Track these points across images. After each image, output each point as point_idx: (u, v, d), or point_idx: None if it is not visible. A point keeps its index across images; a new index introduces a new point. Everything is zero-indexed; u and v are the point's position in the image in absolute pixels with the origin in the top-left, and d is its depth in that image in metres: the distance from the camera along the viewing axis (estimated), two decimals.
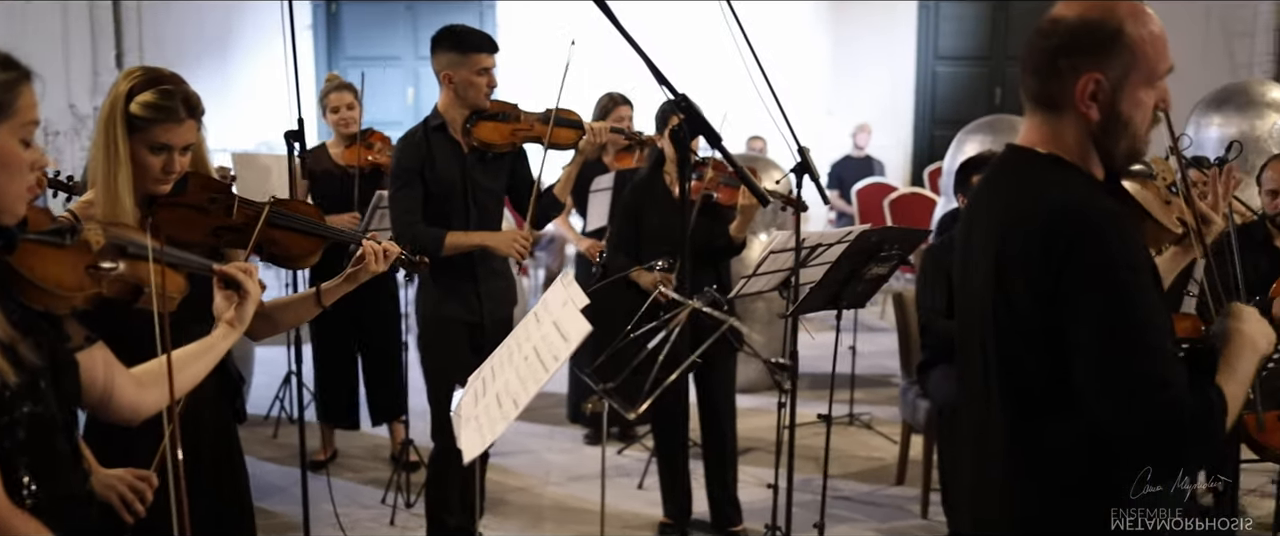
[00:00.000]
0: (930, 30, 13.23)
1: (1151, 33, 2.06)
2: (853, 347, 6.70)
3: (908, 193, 10.00)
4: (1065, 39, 2.06)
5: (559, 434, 6.59)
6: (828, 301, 4.39)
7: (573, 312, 2.27)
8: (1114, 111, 2.06)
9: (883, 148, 12.13)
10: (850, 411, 6.75)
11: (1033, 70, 2.12)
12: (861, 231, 4.16)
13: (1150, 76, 2.07)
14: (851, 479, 5.85)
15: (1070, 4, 2.08)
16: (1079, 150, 2.11)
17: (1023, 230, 2.02)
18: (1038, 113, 2.14)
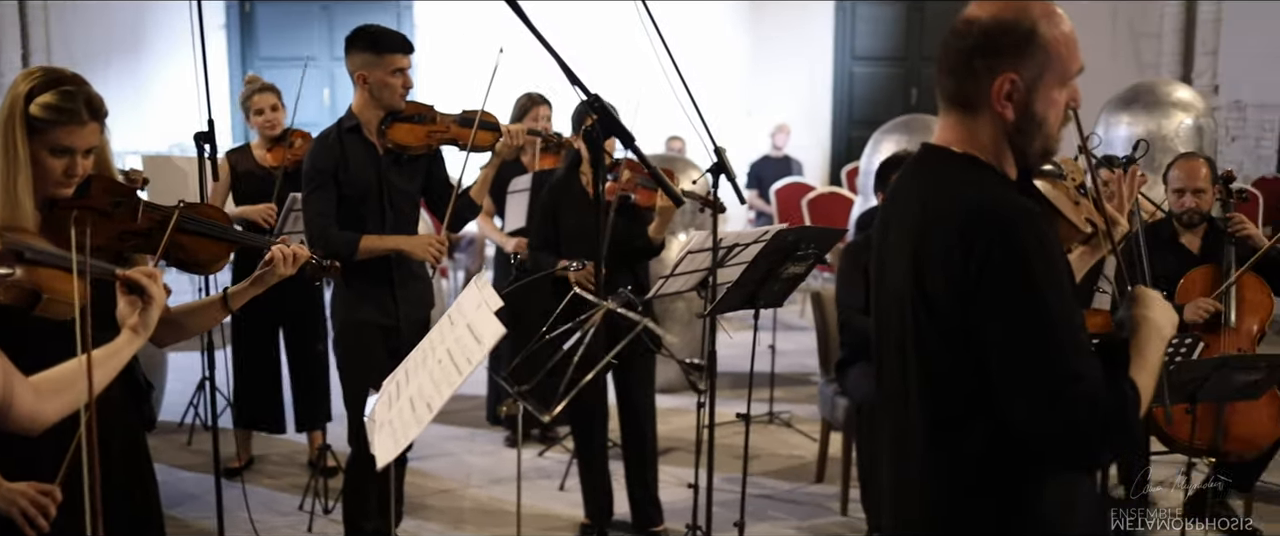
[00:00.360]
0: (847, 31, 13.36)
1: (1064, 33, 2.08)
2: (772, 346, 6.74)
3: (826, 192, 10.07)
4: (980, 40, 2.07)
5: (480, 436, 6.56)
6: (745, 301, 4.41)
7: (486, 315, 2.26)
8: (1029, 111, 2.09)
9: (801, 147, 12.22)
10: (770, 410, 6.79)
11: (948, 71, 2.14)
12: (777, 231, 4.19)
13: (1063, 76, 2.10)
14: (772, 477, 5.88)
15: (984, 5, 2.09)
16: (994, 149, 2.13)
17: (941, 229, 2.04)
18: (953, 113, 2.15)
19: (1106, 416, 1.96)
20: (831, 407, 5.40)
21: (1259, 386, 4.25)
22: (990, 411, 2.03)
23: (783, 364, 7.36)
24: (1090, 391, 1.94)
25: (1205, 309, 4.94)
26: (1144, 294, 2.21)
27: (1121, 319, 2.21)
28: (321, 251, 4.16)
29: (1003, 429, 2.03)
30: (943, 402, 2.10)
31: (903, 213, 2.18)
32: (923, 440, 2.14)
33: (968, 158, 2.13)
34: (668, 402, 6.83)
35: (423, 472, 5.84)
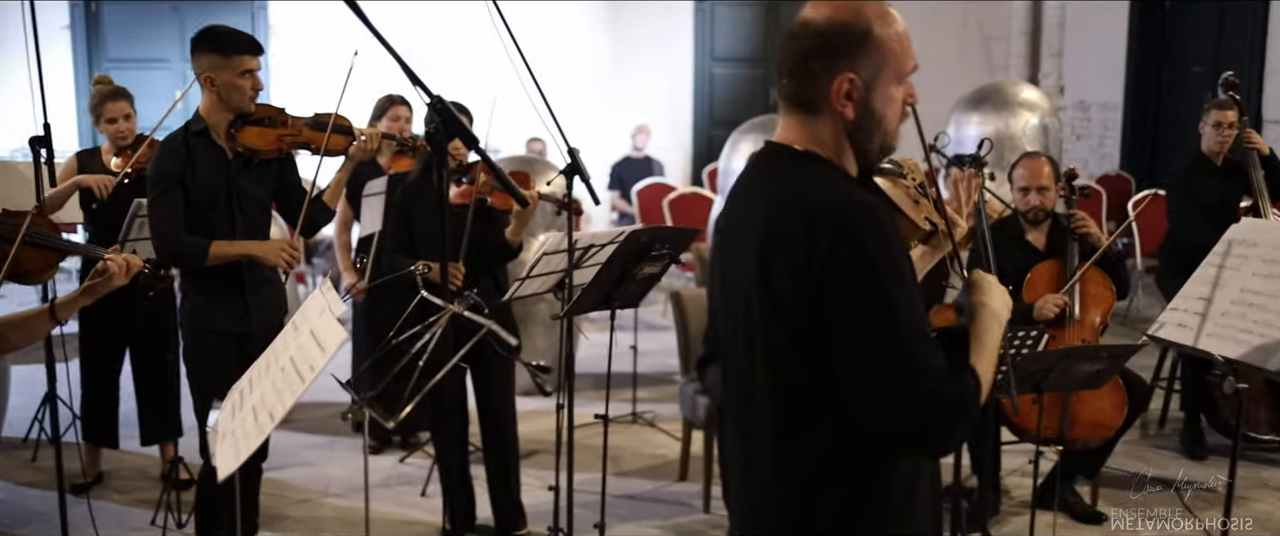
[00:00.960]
0: (706, 32, 13.46)
1: (898, 32, 2.12)
2: (634, 347, 6.75)
3: (687, 192, 10.14)
4: (817, 41, 2.09)
5: (339, 444, 6.45)
6: (601, 302, 4.41)
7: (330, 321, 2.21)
8: (868, 109, 2.11)
9: (662, 148, 12.29)
10: (633, 410, 6.80)
11: (788, 73, 2.15)
12: (631, 232, 4.20)
13: (899, 73, 2.13)
14: (635, 477, 5.90)
15: (818, 6, 2.11)
16: (835, 147, 2.15)
17: (786, 226, 2.05)
18: (794, 114, 2.17)
19: (951, 408, 1.99)
20: (692, 406, 5.43)
21: (1101, 375, 4.39)
22: (837, 408, 2.06)
23: (646, 364, 7.39)
24: (934, 385, 1.97)
25: (1055, 305, 5.09)
26: (980, 279, 2.24)
27: (960, 304, 2.26)
28: (167, 259, 4.05)
29: (850, 425, 2.05)
30: (790, 400, 2.11)
31: (747, 210, 2.18)
32: (771, 438, 2.15)
33: (810, 155, 2.15)
34: (530, 405, 6.80)
35: (280, 482, 5.72)
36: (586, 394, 6.97)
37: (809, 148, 2.15)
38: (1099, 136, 12.67)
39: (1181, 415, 6.33)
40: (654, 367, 7.83)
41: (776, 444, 2.15)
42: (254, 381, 2.49)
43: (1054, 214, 5.38)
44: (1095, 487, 5.37)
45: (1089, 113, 12.76)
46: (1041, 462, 5.02)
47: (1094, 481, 5.36)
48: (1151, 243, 8.45)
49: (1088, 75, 12.67)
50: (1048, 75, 13.12)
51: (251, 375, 2.55)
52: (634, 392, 6.88)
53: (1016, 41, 13.24)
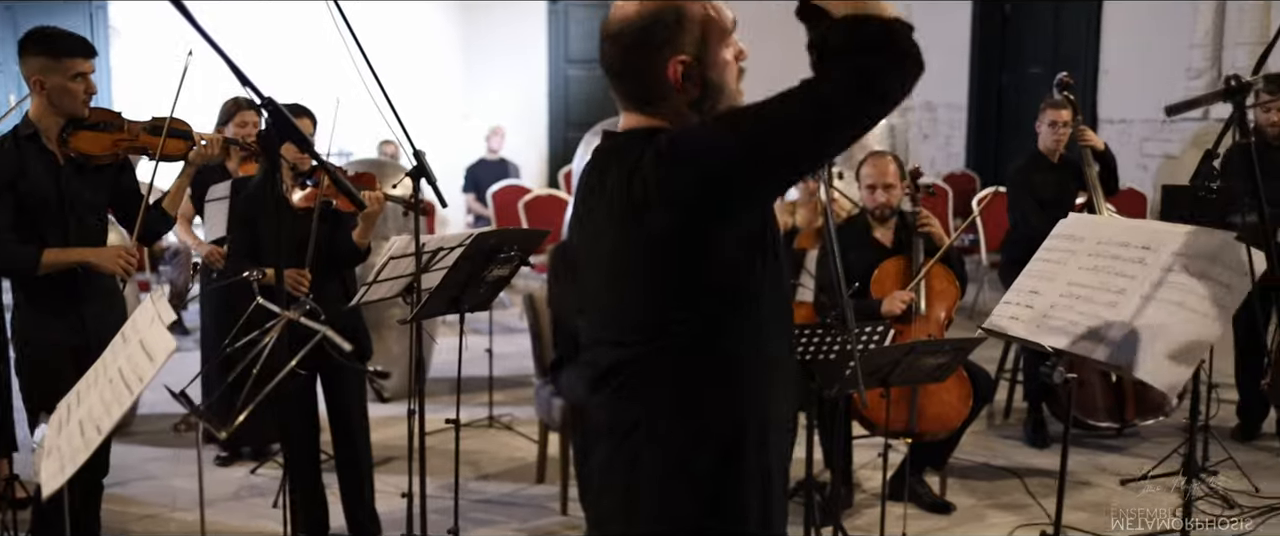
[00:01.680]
0: (560, 33, 13.44)
1: (709, 4, 2.16)
2: (489, 350, 6.71)
3: (543, 194, 10.11)
4: (638, 36, 2.13)
5: (185, 457, 6.27)
6: (449, 305, 4.37)
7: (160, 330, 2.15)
8: (707, 81, 2.15)
9: (518, 150, 12.24)
10: (490, 414, 6.76)
11: (619, 75, 2.18)
12: (479, 234, 4.17)
13: (723, 37, 2.17)
14: (493, 480, 5.85)
15: (625, 3, 2.15)
16: (681, 121, 2.17)
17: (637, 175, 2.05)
18: (634, 110, 2.20)
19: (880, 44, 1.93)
20: (548, 408, 5.41)
21: (946, 368, 4.49)
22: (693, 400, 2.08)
23: (503, 367, 7.35)
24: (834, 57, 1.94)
25: (903, 300, 5.20)
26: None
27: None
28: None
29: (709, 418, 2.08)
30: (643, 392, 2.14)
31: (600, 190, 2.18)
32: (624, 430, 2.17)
33: (649, 129, 2.17)
34: (386, 411, 6.73)
35: (124, 498, 5.54)
36: (443, 398, 6.91)
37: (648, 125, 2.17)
38: (945, 136, 13.00)
39: (1025, 405, 6.52)
40: (511, 370, 7.78)
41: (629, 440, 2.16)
42: (82, 394, 2.40)
43: (900, 211, 5.50)
44: (943, 478, 5.50)
45: (936, 113, 13.07)
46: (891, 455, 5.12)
47: (942, 472, 5.49)
48: (996, 238, 8.69)
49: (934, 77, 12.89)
50: None
51: (80, 388, 2.46)
52: (490, 396, 6.83)
53: None
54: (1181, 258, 2.75)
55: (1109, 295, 2.80)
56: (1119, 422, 6.26)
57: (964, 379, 5.18)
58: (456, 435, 4.67)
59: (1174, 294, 2.72)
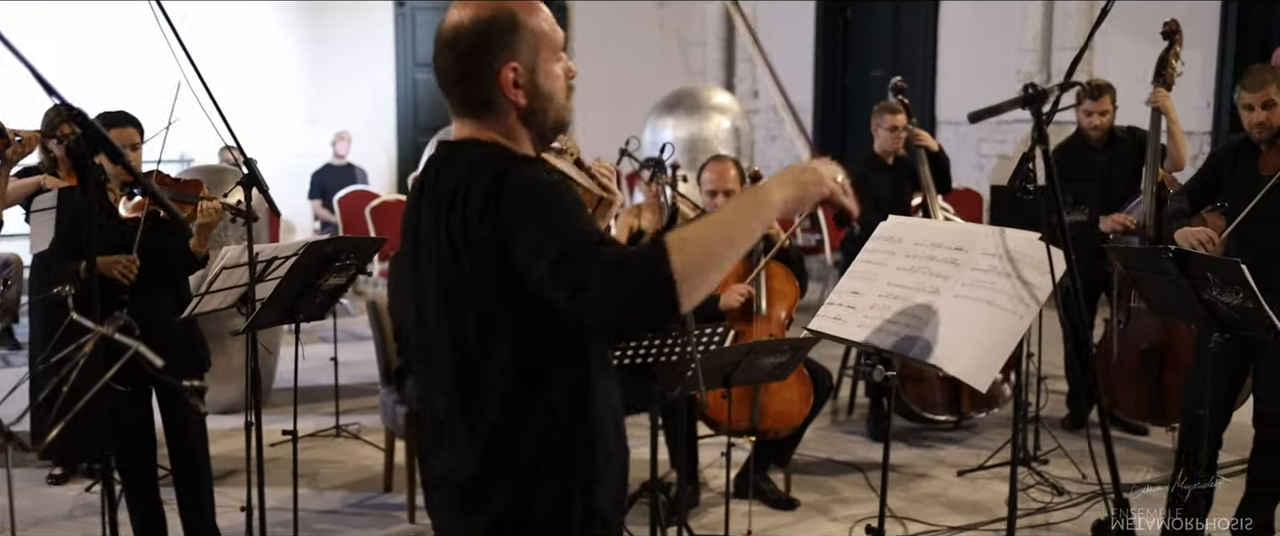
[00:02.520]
0: (408, 36, 13.30)
1: (544, 14, 2.22)
2: (334, 359, 6.61)
3: (390, 200, 10.00)
4: (473, 41, 2.15)
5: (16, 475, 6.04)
6: (284, 315, 4.31)
7: None
8: (538, 91, 2.19)
9: (366, 155, 12.08)
10: (336, 423, 6.66)
11: (453, 81, 2.20)
12: (312, 243, 4.12)
13: (555, 50, 2.22)
14: (341, 489, 5.78)
15: (461, 10, 2.17)
16: (512, 135, 2.22)
17: (467, 197, 2.08)
18: (467, 116, 2.22)
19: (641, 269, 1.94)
20: (392, 415, 5.37)
21: (785, 367, 4.57)
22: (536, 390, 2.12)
23: (350, 375, 7.25)
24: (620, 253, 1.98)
25: (740, 293, 5.28)
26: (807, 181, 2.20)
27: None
28: None
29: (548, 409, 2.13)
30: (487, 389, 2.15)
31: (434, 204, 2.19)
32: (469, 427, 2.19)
33: (488, 143, 2.20)
34: (228, 423, 6.58)
35: None
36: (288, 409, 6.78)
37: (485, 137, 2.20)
38: (791, 138, 13.23)
39: (868, 401, 6.67)
40: (357, 378, 7.67)
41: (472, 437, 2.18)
42: None
43: None
44: (788, 474, 5.60)
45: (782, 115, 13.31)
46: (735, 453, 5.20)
47: (786, 468, 5.59)
48: (839, 238, 8.89)
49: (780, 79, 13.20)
50: (743, 79, 13.61)
51: None
52: (336, 405, 6.74)
53: (712, 46, 13.68)
54: (990, 257, 2.86)
55: (924, 295, 2.90)
56: (956, 415, 6.46)
57: (805, 376, 5.29)
58: (294, 446, 4.61)
59: (983, 293, 2.83)
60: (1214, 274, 3.81)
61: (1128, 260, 4.40)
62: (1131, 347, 6.05)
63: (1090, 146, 6.40)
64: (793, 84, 12.94)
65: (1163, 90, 6.02)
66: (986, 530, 5.17)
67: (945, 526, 5.22)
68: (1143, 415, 6.25)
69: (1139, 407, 6.19)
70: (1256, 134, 4.58)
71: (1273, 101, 4.54)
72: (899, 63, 11.50)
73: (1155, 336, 5.92)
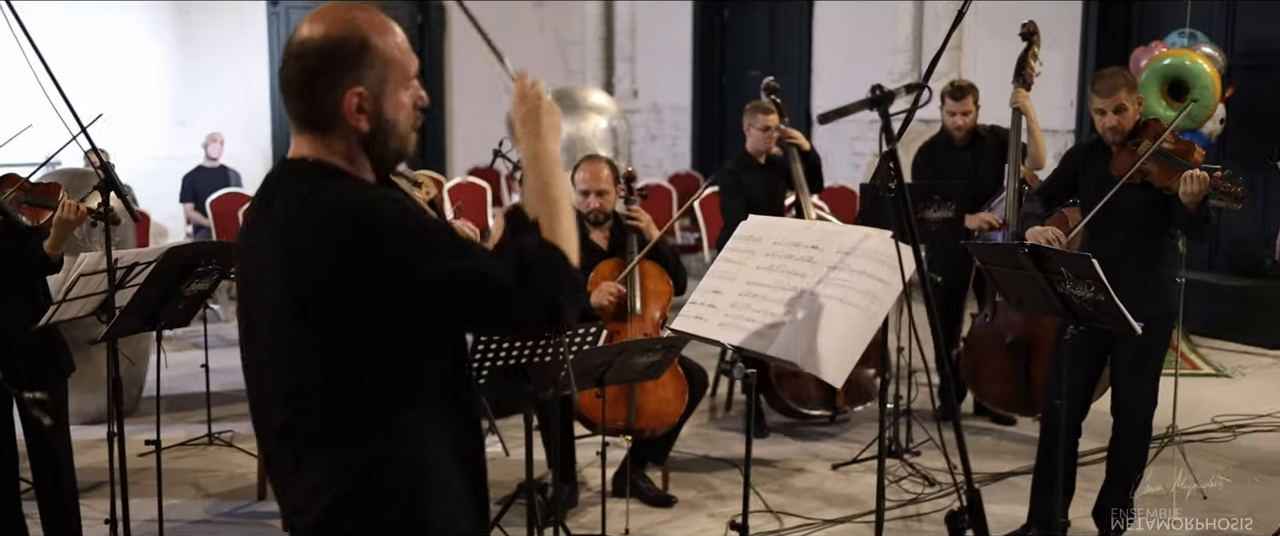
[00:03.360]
0: (281, 36, 13.09)
1: (396, 40, 2.17)
2: (205, 365, 6.48)
3: None
4: (319, 59, 2.11)
5: None
6: (145, 322, 4.22)
7: None
8: (381, 119, 2.16)
9: (240, 157, 11.83)
10: (209, 431, 6.53)
11: (295, 94, 2.16)
12: (171, 248, 4.05)
13: (405, 79, 2.19)
14: (215, 499, 5.67)
15: (313, 25, 2.13)
16: (350, 159, 2.18)
17: (309, 230, 2.06)
18: (307, 133, 2.18)
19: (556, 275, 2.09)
20: None
21: (659, 366, 4.62)
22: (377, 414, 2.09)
23: (222, 381, 7.10)
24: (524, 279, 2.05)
25: (610, 293, 5.30)
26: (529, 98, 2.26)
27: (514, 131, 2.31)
28: None
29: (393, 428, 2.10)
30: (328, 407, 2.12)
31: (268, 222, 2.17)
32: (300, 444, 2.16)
33: (324, 165, 2.16)
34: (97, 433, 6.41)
35: None
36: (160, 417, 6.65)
37: (324, 159, 2.16)
38: (671, 137, 13.32)
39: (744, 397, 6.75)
40: (229, 385, 7.50)
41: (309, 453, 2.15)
42: None
43: (615, 214, 5.60)
44: (665, 472, 5.64)
45: (662, 115, 13.39)
46: (613, 452, 5.23)
47: (664, 466, 5.63)
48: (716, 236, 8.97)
49: (659, 79, 13.30)
50: (622, 79, 13.66)
51: None
52: (208, 412, 6.60)
53: (591, 46, 13.71)
54: (844, 256, 2.93)
55: (782, 293, 2.95)
56: (831, 410, 6.56)
57: (679, 374, 5.33)
58: (158, 457, 4.52)
59: (837, 290, 2.89)
60: (1067, 268, 3.93)
61: (985, 256, 4.51)
62: (998, 340, 6.22)
63: (954, 145, 6.56)
64: (671, 84, 13.03)
65: (1023, 90, 6.21)
66: (859, 522, 5.27)
67: (820, 519, 5.31)
68: (1010, 406, 6.42)
69: (1006, 399, 6.36)
70: (1109, 137, 4.74)
71: (1124, 106, 4.69)
72: (775, 62, 11.65)
73: (1021, 329, 6.09)
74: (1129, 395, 4.75)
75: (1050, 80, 7.62)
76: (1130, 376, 4.74)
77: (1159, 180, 4.56)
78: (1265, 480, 5.69)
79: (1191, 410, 6.63)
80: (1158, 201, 4.60)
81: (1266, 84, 8.40)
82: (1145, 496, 5.14)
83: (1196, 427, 6.46)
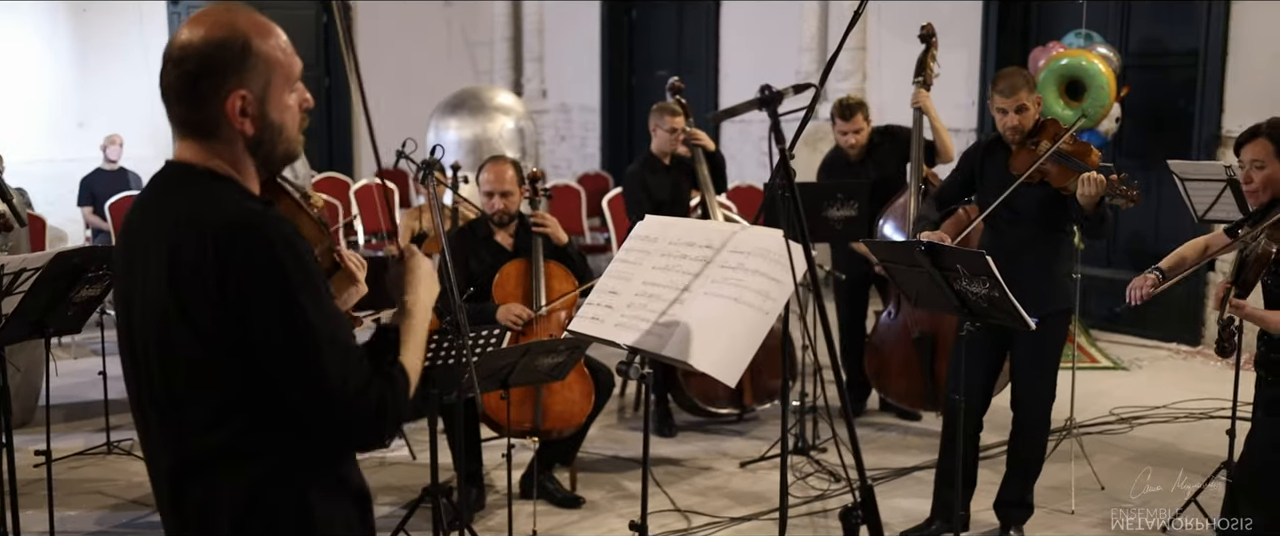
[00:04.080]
0: None
1: (278, 42, 2.14)
2: (102, 372, 6.34)
3: None
4: (200, 63, 2.07)
5: None
6: (33, 330, 4.12)
7: None
8: (266, 122, 2.13)
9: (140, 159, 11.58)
10: (107, 439, 6.39)
11: (177, 98, 2.11)
12: (58, 254, 3.96)
13: (289, 80, 2.16)
14: (110, 509, 5.56)
15: (193, 28, 2.09)
16: (236, 163, 2.14)
17: (193, 244, 2.01)
18: (190, 137, 2.13)
19: (380, 405, 2.06)
20: None
21: (564, 367, 4.62)
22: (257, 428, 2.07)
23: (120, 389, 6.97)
24: (359, 387, 2.03)
25: (516, 316, 5.28)
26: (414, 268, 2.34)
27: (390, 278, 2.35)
28: None
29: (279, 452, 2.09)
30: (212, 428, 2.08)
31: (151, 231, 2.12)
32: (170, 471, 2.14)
33: (211, 172, 2.12)
34: None
35: None
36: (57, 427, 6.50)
37: (209, 165, 2.12)
38: (581, 137, 13.31)
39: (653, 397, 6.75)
40: None
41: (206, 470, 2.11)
42: None
43: (521, 215, 5.58)
44: (574, 473, 5.63)
45: (571, 115, 13.37)
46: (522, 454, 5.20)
47: (572, 467, 5.62)
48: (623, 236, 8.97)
49: (568, 79, 13.28)
50: (531, 79, 13.62)
51: None
52: (107, 420, 6.46)
53: (500, 46, 13.65)
54: (738, 255, 2.94)
55: (675, 293, 2.96)
56: (738, 408, 6.60)
57: (585, 375, 5.33)
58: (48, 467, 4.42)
59: (730, 289, 2.90)
60: (962, 265, 3.99)
61: (883, 253, 4.57)
62: (903, 336, 6.29)
63: (851, 161, 6.63)
64: (581, 84, 13.02)
65: (923, 91, 6.30)
66: (766, 519, 5.30)
67: (727, 518, 5.33)
68: (915, 401, 6.50)
69: (910, 394, 6.44)
70: (1010, 136, 4.81)
71: (1025, 106, 4.77)
72: (683, 62, 11.69)
73: (927, 324, 6.17)
74: (1027, 390, 4.84)
75: (952, 80, 7.74)
76: (1028, 371, 4.82)
77: (1057, 180, 4.65)
78: (1159, 469, 5.82)
79: (1091, 402, 6.78)
80: (1055, 199, 4.69)
81: (1160, 83, 8.61)
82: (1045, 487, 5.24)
83: (1095, 420, 6.60)
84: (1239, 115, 7.66)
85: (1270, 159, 3.83)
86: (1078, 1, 7.96)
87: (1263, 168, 3.85)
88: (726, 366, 2.81)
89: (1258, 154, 3.86)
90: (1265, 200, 3.88)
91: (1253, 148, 3.88)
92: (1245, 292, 3.71)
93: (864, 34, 10.10)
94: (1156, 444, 6.30)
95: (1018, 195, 4.65)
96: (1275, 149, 3.83)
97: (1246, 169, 3.90)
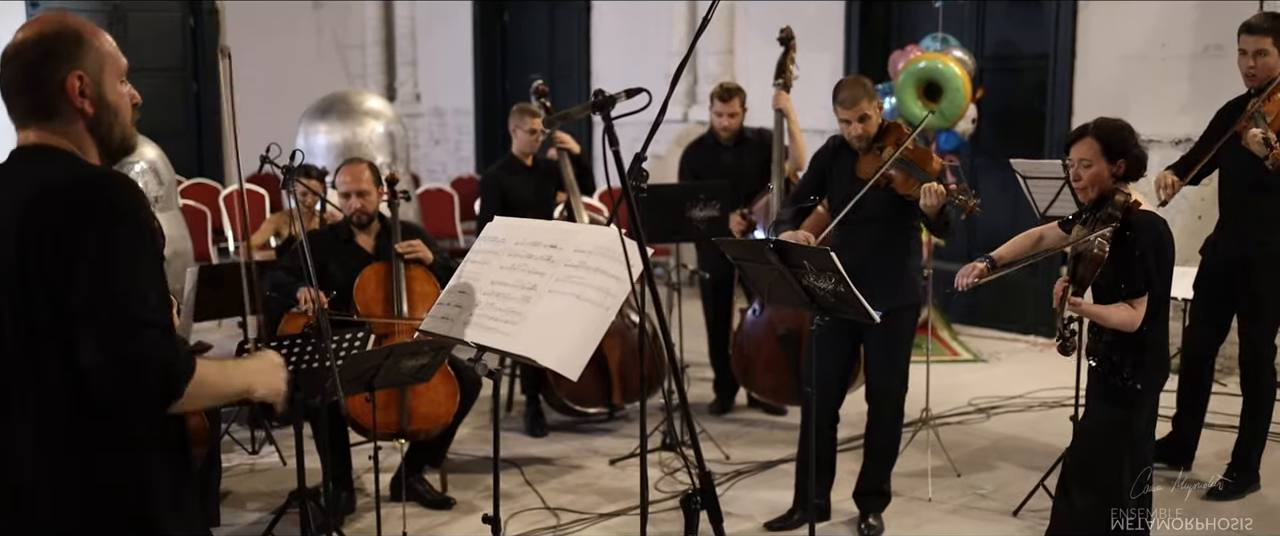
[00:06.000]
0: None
1: (107, 40, 2.31)
2: None
3: None
4: (38, 52, 2.22)
5: None
6: None
7: None
8: (103, 102, 2.27)
9: None
10: None
11: (19, 91, 2.25)
12: None
13: (119, 73, 2.31)
14: None
15: (26, 29, 2.26)
16: (78, 144, 2.27)
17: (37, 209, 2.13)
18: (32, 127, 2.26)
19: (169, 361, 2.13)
20: None
21: (428, 369, 4.64)
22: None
23: None
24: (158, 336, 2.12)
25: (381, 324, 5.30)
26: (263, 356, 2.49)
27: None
28: None
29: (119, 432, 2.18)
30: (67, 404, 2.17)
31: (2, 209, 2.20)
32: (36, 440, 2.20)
33: (54, 149, 2.25)
34: None
35: None
36: None
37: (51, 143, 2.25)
38: (455, 141, 13.27)
39: (524, 397, 6.80)
40: None
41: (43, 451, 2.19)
42: None
43: (381, 217, 5.58)
44: (443, 474, 5.64)
45: (445, 118, 13.33)
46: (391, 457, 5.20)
47: (441, 468, 5.64)
48: None
49: (441, 82, 13.23)
50: (404, 83, 13.55)
51: None
52: None
53: (372, 50, 13.55)
54: (581, 253, 3.03)
55: (522, 291, 3.04)
56: (608, 407, 6.68)
57: (450, 376, 5.36)
58: None
59: (573, 287, 2.99)
60: (809, 262, 4.12)
61: (735, 251, 4.68)
62: (769, 334, 6.43)
63: (720, 145, 6.76)
64: (454, 87, 12.99)
65: (783, 92, 6.46)
66: (633, 514, 5.38)
67: (596, 513, 5.41)
68: (780, 397, 6.65)
69: (776, 389, 6.58)
70: (855, 143, 4.98)
71: (866, 114, 4.93)
72: (556, 65, 11.74)
73: (792, 321, 6.31)
74: (879, 383, 5.01)
75: (816, 81, 7.91)
76: (880, 364, 4.99)
77: (901, 186, 4.82)
78: (1014, 457, 6.04)
79: (950, 394, 7.00)
80: (901, 199, 4.86)
81: (1013, 85, 8.90)
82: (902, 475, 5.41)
83: (953, 410, 6.82)
84: (1087, 114, 7.88)
85: (1097, 158, 4.02)
86: (935, 5, 8.19)
87: (1090, 166, 4.04)
88: (569, 362, 2.90)
89: (1084, 153, 4.05)
90: (1094, 196, 4.07)
91: (1080, 147, 4.07)
92: (1081, 290, 3.89)
93: (732, 37, 10.26)
94: (1011, 432, 6.52)
95: (865, 197, 4.80)
96: (1102, 148, 4.01)
97: (1075, 167, 4.09)
